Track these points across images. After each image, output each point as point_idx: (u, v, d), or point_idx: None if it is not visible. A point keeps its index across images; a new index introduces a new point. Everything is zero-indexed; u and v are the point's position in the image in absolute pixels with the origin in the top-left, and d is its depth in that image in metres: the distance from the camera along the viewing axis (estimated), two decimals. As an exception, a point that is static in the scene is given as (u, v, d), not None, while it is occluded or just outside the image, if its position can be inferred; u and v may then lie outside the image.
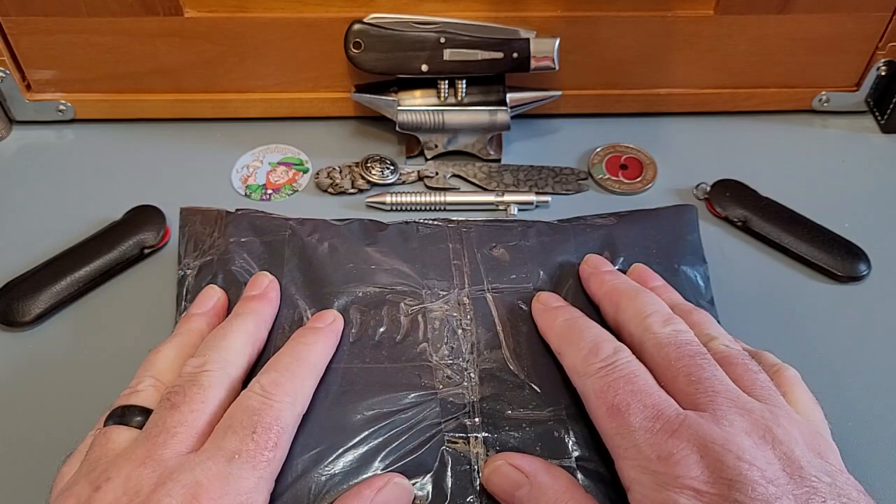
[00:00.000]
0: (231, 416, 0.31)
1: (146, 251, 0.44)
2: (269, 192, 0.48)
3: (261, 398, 0.31)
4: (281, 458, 0.31)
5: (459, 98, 0.48)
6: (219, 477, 0.28)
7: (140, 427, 0.31)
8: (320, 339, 0.36)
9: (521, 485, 0.32)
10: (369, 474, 0.33)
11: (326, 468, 0.33)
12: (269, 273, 0.39)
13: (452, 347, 0.37)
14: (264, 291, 0.38)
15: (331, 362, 0.36)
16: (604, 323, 0.37)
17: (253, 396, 0.31)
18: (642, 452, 0.29)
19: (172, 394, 0.32)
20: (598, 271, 0.40)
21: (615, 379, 0.32)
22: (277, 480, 0.32)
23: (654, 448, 0.29)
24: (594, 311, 0.38)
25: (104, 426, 0.32)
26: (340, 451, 0.33)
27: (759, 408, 0.30)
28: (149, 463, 0.29)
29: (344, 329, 0.38)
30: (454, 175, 0.49)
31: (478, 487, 0.33)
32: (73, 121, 0.52)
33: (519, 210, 0.47)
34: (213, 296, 0.39)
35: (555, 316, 0.37)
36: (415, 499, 0.32)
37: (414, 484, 0.33)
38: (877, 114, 0.53)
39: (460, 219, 0.44)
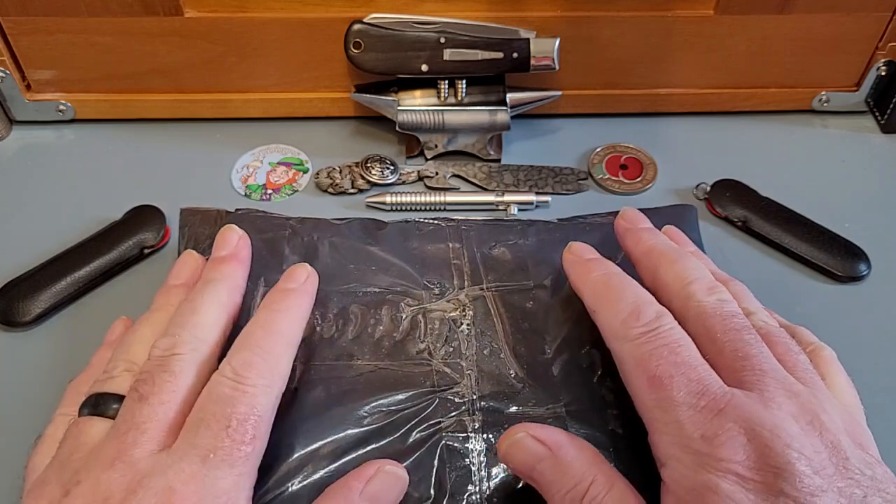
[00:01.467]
0: (202, 407, 0.29)
1: (146, 251, 0.44)
2: (269, 192, 0.48)
3: (233, 383, 0.29)
4: (261, 449, 0.29)
5: (459, 98, 0.48)
6: (193, 479, 0.26)
7: (115, 416, 0.29)
8: (293, 302, 0.33)
9: (543, 458, 0.30)
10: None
11: (326, 467, 0.33)
12: (236, 226, 0.37)
13: (452, 346, 0.37)
14: (235, 250, 0.36)
15: (332, 360, 0.36)
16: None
17: (224, 382, 0.29)
18: (684, 429, 0.27)
19: (140, 382, 0.29)
20: (636, 227, 0.37)
21: (657, 347, 0.29)
22: (276, 479, 0.31)
23: (698, 426, 0.27)
24: None
25: (78, 416, 0.30)
26: (340, 449, 0.33)
27: (804, 391, 0.28)
28: (118, 465, 0.27)
29: (344, 327, 0.38)
30: (454, 175, 0.49)
31: (477, 485, 0.33)
32: (73, 121, 0.52)
33: (519, 210, 0.47)
34: (191, 263, 0.36)
35: (589, 269, 0.35)
36: (415, 495, 0.32)
37: (414, 483, 0.32)
38: (877, 114, 0.53)
39: (460, 218, 0.44)
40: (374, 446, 0.33)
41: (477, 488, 0.33)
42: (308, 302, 0.35)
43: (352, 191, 0.48)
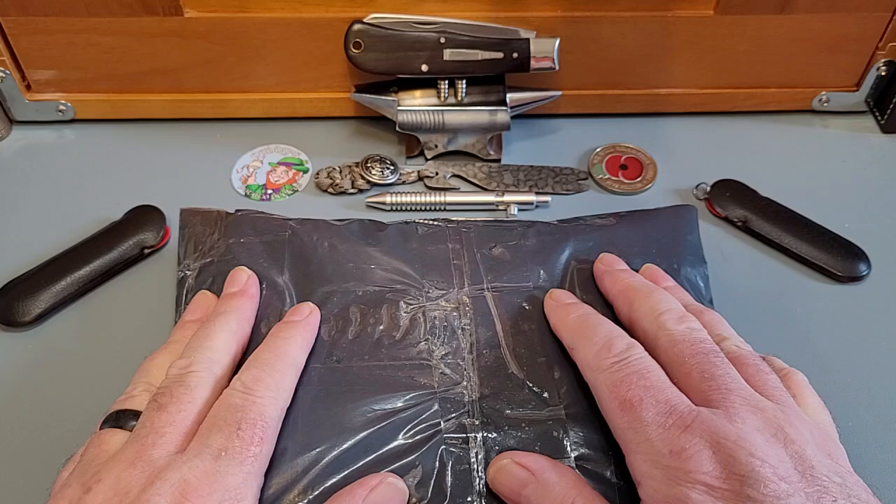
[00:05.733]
0: (215, 414, 0.31)
1: (146, 251, 0.44)
2: (269, 192, 0.48)
3: (243, 395, 0.31)
4: (268, 453, 0.31)
5: (459, 98, 0.48)
6: (206, 475, 0.28)
7: (133, 429, 0.31)
8: (297, 332, 0.36)
9: (528, 483, 0.32)
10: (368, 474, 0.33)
11: (326, 468, 0.33)
12: (246, 268, 0.40)
13: (452, 346, 0.37)
14: (244, 287, 0.38)
15: (331, 361, 0.36)
16: (615, 320, 0.37)
17: (235, 394, 0.32)
18: (654, 447, 0.29)
19: (159, 395, 0.32)
20: (613, 269, 0.40)
21: (628, 374, 0.32)
22: (276, 479, 0.32)
23: (667, 443, 0.29)
24: (602, 309, 0.38)
25: (99, 430, 0.32)
26: (340, 450, 0.33)
27: (771, 407, 0.30)
28: (138, 463, 0.29)
29: (344, 328, 0.38)
30: (454, 175, 0.49)
31: (477, 487, 0.33)
32: (73, 121, 0.52)
33: (519, 210, 0.47)
34: (205, 302, 0.39)
35: (567, 312, 0.37)
36: (414, 499, 0.32)
37: (413, 485, 0.33)
38: (877, 114, 0.53)
39: (460, 219, 0.44)
40: (373, 448, 0.33)
41: (476, 490, 0.33)
42: (311, 332, 0.37)
43: (352, 191, 0.48)
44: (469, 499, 0.33)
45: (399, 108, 0.48)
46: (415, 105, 0.48)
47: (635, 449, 0.30)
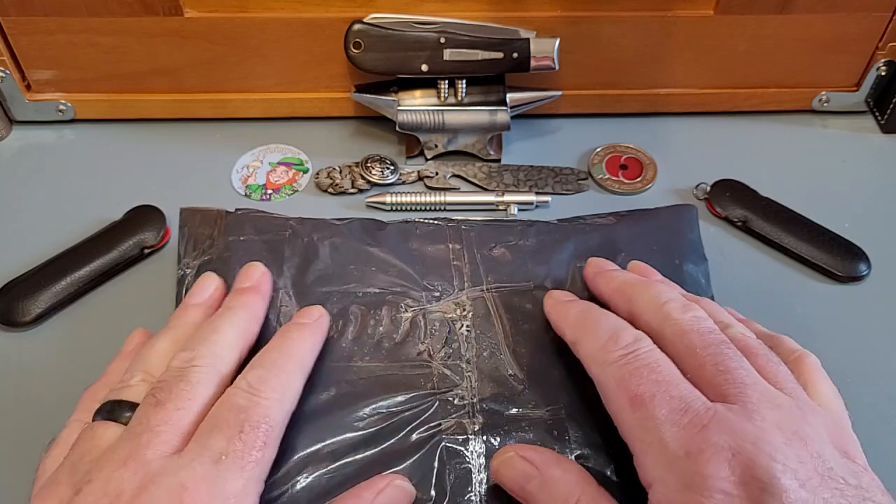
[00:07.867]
0: (217, 414, 0.29)
1: (146, 251, 0.44)
2: (269, 192, 0.48)
3: (247, 395, 0.30)
4: (270, 458, 0.30)
5: (459, 98, 0.48)
6: (205, 479, 0.27)
7: (128, 423, 0.30)
8: (307, 334, 0.35)
9: (532, 477, 0.31)
10: (369, 475, 0.33)
11: (326, 469, 0.33)
12: (260, 264, 0.38)
13: (452, 347, 0.37)
14: (257, 283, 0.37)
15: (331, 362, 0.36)
16: None
17: (239, 394, 0.30)
18: (668, 448, 0.27)
19: (158, 390, 0.30)
20: (604, 270, 0.39)
21: (637, 367, 0.30)
22: (276, 481, 0.32)
23: (683, 444, 0.27)
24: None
25: (92, 420, 0.31)
26: (340, 452, 0.33)
27: (787, 403, 0.29)
28: (130, 464, 0.27)
29: (344, 328, 0.38)
30: (454, 175, 0.49)
31: (477, 487, 0.33)
32: (73, 121, 0.52)
33: (519, 210, 0.47)
34: (209, 285, 0.37)
35: (568, 308, 0.36)
36: (415, 500, 0.32)
37: (414, 484, 0.33)
38: (877, 114, 0.53)
39: (460, 219, 0.44)
40: (374, 448, 0.33)
41: (476, 490, 0.33)
42: (320, 337, 0.36)
43: (352, 191, 0.48)
44: (469, 499, 0.33)
45: (399, 108, 0.48)
46: (415, 105, 0.48)
47: (646, 450, 0.28)
